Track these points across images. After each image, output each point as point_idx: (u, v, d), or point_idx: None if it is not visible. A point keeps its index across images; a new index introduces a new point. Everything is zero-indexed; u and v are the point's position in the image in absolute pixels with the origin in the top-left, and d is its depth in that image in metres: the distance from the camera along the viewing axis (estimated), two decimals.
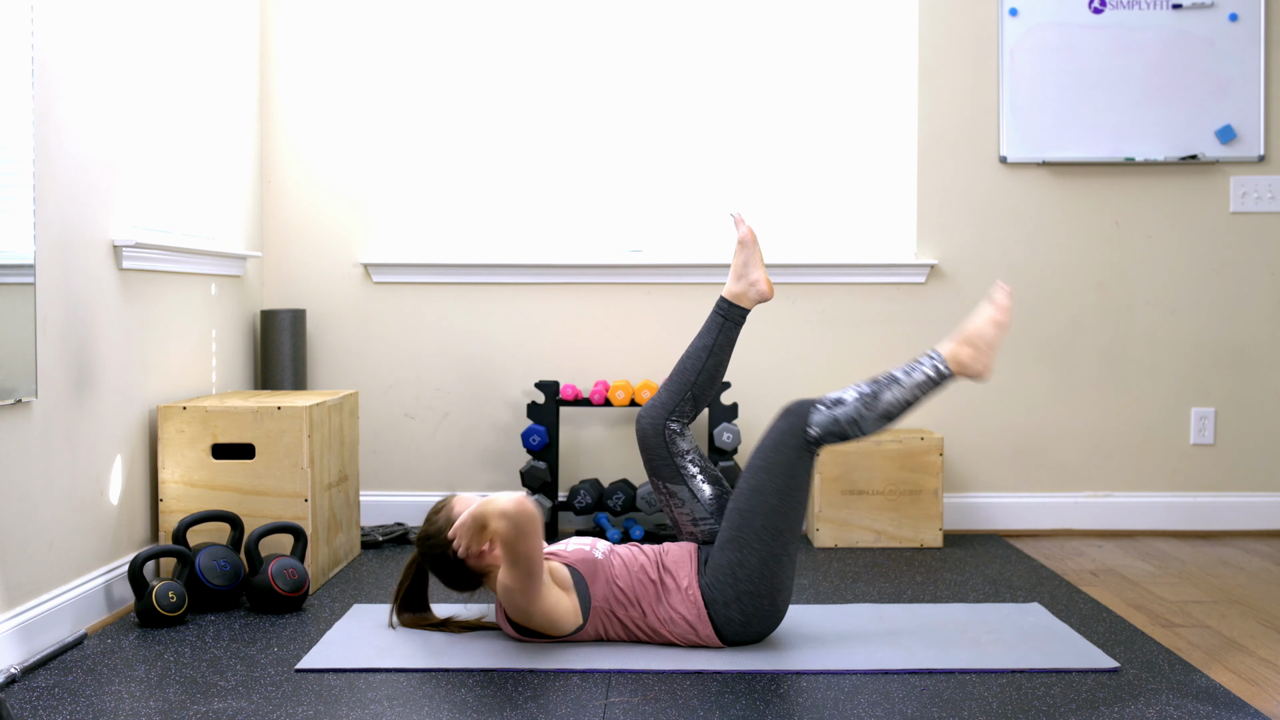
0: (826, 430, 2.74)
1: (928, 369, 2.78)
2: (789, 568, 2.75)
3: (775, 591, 2.74)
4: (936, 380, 2.78)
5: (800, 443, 2.75)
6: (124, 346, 3.22)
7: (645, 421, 2.94)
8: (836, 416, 2.75)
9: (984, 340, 2.79)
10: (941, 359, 2.79)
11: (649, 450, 2.93)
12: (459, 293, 4.28)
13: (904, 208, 4.28)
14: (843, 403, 2.76)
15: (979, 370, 2.79)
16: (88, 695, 2.48)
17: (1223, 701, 2.44)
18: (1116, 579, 3.58)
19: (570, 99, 4.32)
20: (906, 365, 2.81)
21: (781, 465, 2.75)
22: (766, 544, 2.72)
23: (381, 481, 4.29)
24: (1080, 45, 4.18)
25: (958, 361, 2.78)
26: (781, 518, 2.73)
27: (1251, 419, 4.27)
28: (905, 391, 2.76)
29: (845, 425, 2.75)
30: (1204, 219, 4.25)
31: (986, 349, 2.79)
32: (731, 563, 2.73)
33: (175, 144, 3.64)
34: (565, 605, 2.74)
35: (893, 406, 2.75)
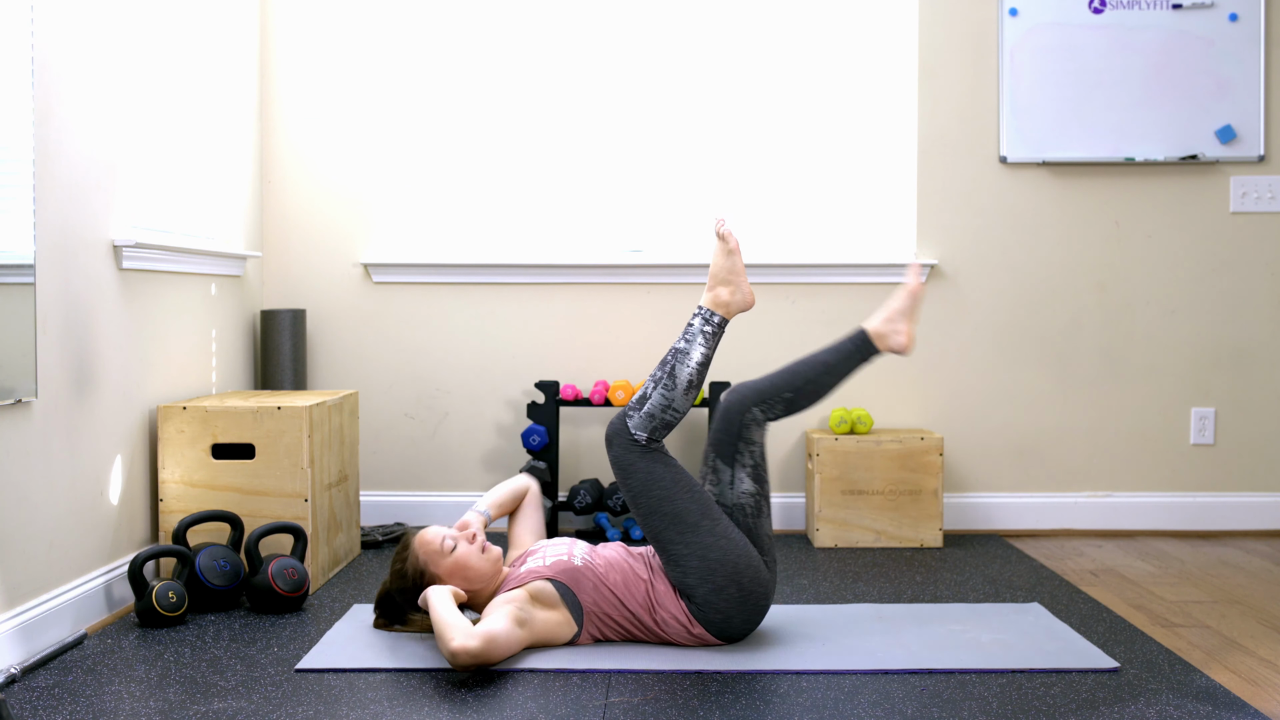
0: (648, 428, 2.79)
1: (700, 325, 2.85)
2: (731, 550, 2.74)
3: (735, 577, 2.73)
4: (715, 329, 2.86)
5: (639, 451, 2.79)
6: (124, 346, 3.22)
7: (734, 395, 2.89)
8: (649, 412, 2.79)
9: (730, 272, 2.88)
10: (708, 309, 2.87)
11: (725, 421, 2.88)
12: (459, 293, 4.28)
13: (904, 208, 4.28)
14: (646, 397, 2.81)
15: (742, 300, 2.88)
16: (88, 695, 2.48)
17: (1223, 701, 2.44)
18: (1116, 579, 3.58)
19: (570, 99, 4.32)
20: (683, 334, 2.86)
21: (645, 480, 2.78)
22: (690, 544, 2.73)
23: (381, 481, 4.28)
24: (1080, 45, 4.18)
25: (721, 303, 2.87)
26: (686, 514, 2.74)
27: (1251, 419, 4.27)
28: (695, 354, 2.82)
29: (660, 413, 2.79)
30: (1204, 219, 4.25)
31: (737, 278, 2.88)
32: (679, 579, 2.76)
33: (175, 144, 3.64)
34: (555, 622, 2.73)
35: (692, 374, 2.81)
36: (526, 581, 2.76)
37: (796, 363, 2.92)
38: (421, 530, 2.86)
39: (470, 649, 2.52)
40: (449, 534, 2.82)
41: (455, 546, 2.80)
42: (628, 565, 2.81)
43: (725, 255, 2.88)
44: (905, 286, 2.94)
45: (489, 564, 2.82)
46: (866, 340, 2.91)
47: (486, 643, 2.54)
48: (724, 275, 2.87)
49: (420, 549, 2.81)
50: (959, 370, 4.26)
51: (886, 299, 4.24)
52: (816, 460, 3.99)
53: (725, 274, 2.87)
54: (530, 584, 2.75)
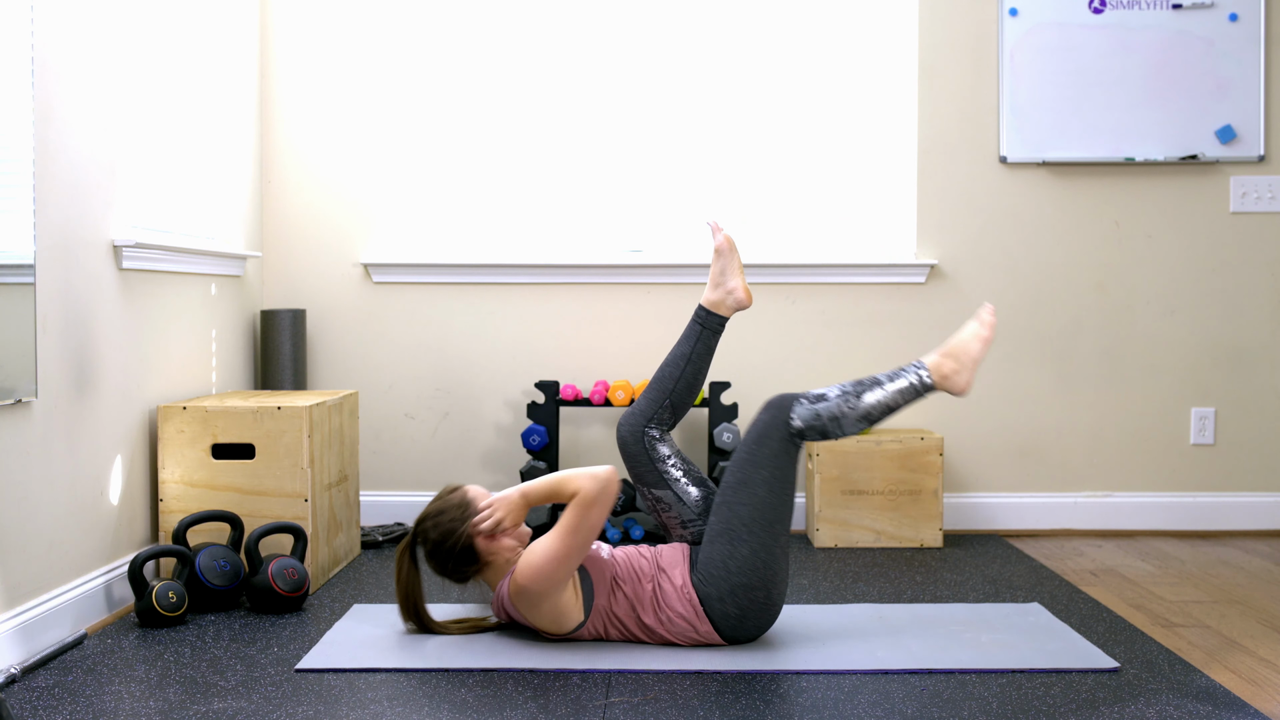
0: (808, 424, 2.78)
1: (910, 377, 2.83)
2: (782, 560, 2.77)
3: (769, 584, 2.75)
4: (918, 390, 2.82)
5: (784, 434, 2.78)
6: (124, 346, 3.22)
7: (625, 430, 2.97)
8: (818, 411, 2.79)
9: (968, 355, 2.84)
10: (925, 369, 2.83)
11: (631, 458, 2.96)
12: (459, 293, 4.28)
13: (904, 208, 4.28)
14: (825, 399, 2.80)
15: (959, 385, 2.83)
16: (88, 695, 2.48)
17: (1223, 701, 2.44)
18: (1116, 579, 3.58)
19: (570, 99, 4.32)
20: (891, 370, 2.85)
21: (767, 457, 2.77)
22: (756, 535, 2.73)
23: (381, 481, 4.28)
24: (1080, 45, 4.18)
25: (940, 373, 2.83)
26: (770, 509, 2.75)
27: (1251, 419, 4.27)
28: (886, 395, 2.81)
29: (826, 421, 2.79)
30: (1204, 219, 4.25)
31: (969, 364, 2.83)
32: (723, 555, 2.74)
33: (175, 144, 3.64)
34: (572, 602, 2.75)
35: (873, 409, 2.80)
36: None
37: (660, 369, 3.01)
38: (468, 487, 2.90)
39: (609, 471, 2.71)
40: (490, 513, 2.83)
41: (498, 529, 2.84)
42: (637, 564, 2.82)
43: (979, 341, 2.84)
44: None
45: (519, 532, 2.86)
46: (705, 311, 2.99)
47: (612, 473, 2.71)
48: (961, 354, 2.84)
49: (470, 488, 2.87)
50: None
51: (886, 301, 4.24)
52: (816, 460, 3.99)
53: (963, 354, 2.84)
54: None
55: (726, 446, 3.98)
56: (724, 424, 4.00)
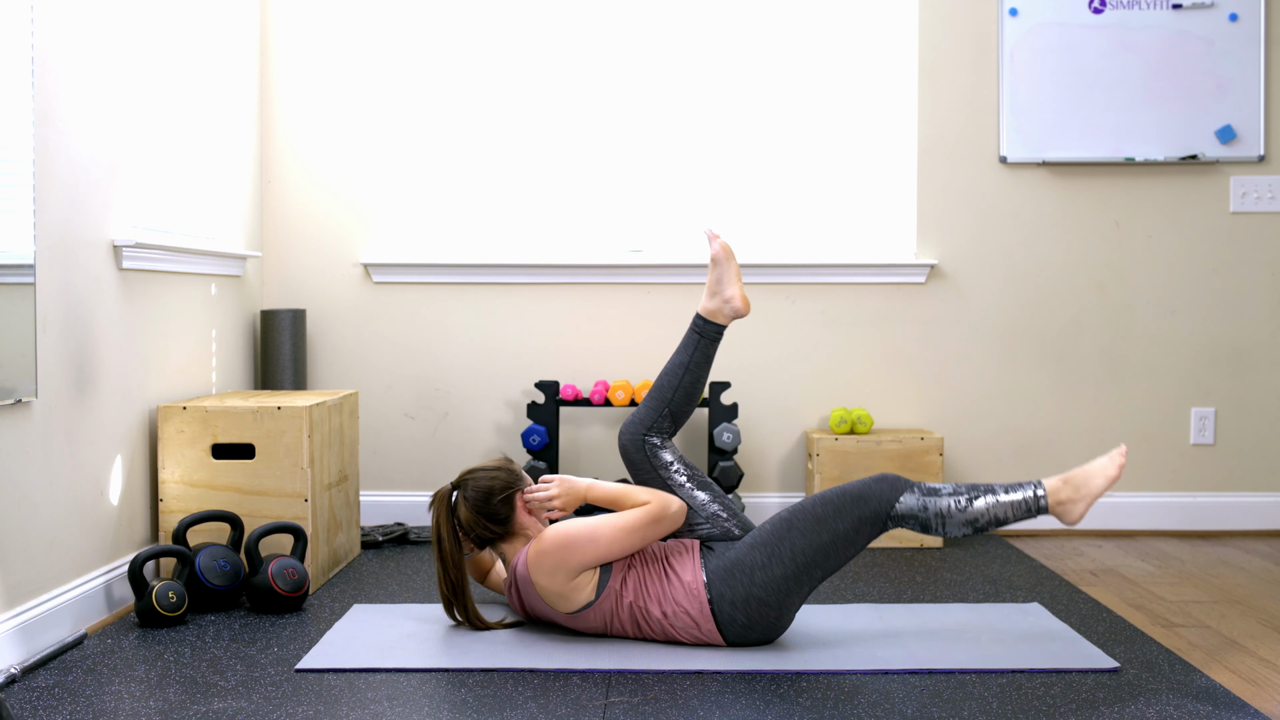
0: (911, 513, 2.75)
1: (1027, 493, 2.77)
2: (803, 596, 2.79)
3: (783, 609, 2.76)
4: (1030, 508, 2.77)
5: (882, 510, 2.75)
6: (124, 346, 3.22)
7: (625, 438, 2.98)
8: (927, 504, 2.75)
9: (1088, 489, 2.78)
10: (1043, 490, 2.78)
11: (633, 466, 2.97)
12: (459, 293, 4.28)
13: (904, 208, 4.28)
14: (937, 494, 2.77)
15: (1073, 516, 2.78)
16: (88, 695, 2.48)
17: (1223, 701, 2.44)
18: (1116, 579, 3.58)
19: (570, 99, 4.32)
20: (1008, 484, 2.80)
21: (852, 518, 2.75)
22: (798, 565, 2.74)
23: (381, 481, 4.28)
24: (1080, 45, 4.18)
25: (1056, 498, 2.78)
26: (823, 555, 2.75)
27: (1251, 419, 4.27)
28: (998, 506, 2.76)
29: (931, 515, 2.75)
30: (1204, 219, 4.25)
31: (1087, 498, 2.77)
32: (755, 564, 2.74)
33: (175, 144, 3.64)
34: (587, 580, 2.79)
35: (981, 515, 2.76)
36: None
37: (659, 377, 3.02)
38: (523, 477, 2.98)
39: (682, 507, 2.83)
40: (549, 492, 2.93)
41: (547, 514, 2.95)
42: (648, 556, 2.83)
43: (1104, 478, 2.79)
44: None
45: None
46: (702, 320, 2.99)
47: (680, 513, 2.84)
48: (1081, 486, 2.80)
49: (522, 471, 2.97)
50: (959, 370, 4.26)
51: (886, 301, 4.24)
52: (816, 460, 3.98)
53: (1084, 487, 2.79)
54: None
55: (726, 446, 3.98)
56: (724, 424, 4.00)
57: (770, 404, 4.25)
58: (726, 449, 4.00)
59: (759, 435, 4.25)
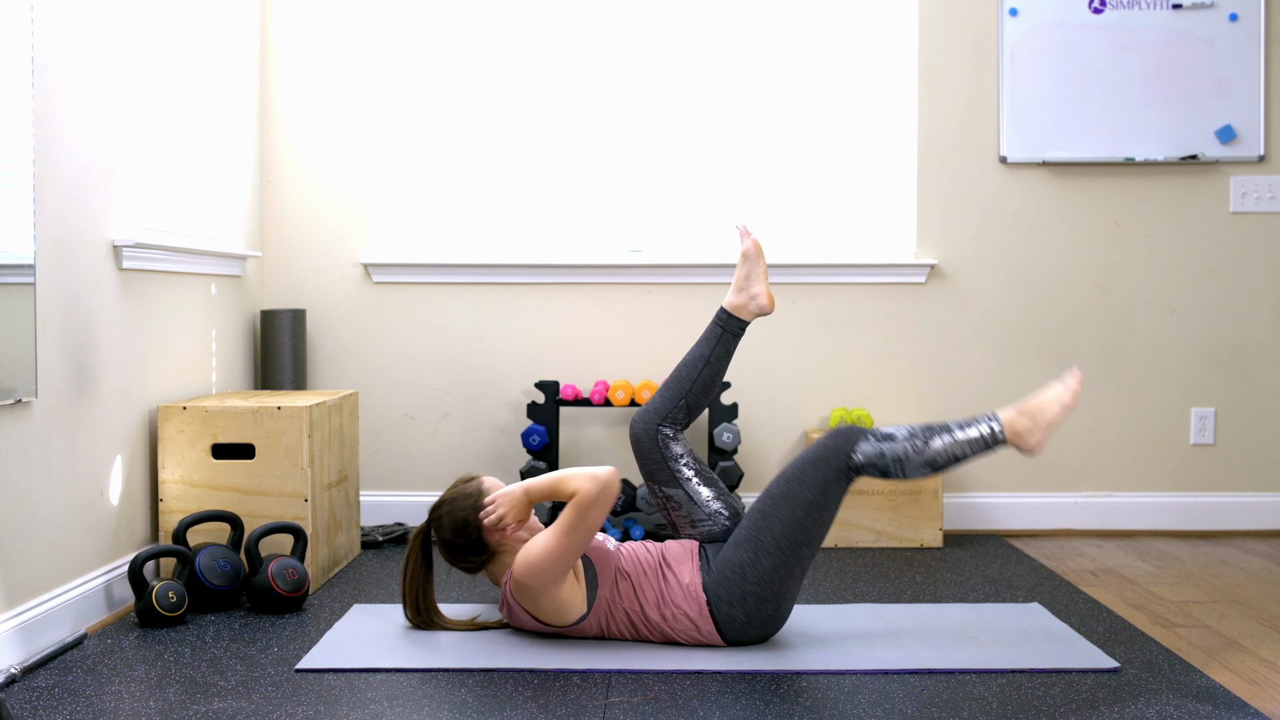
0: (870, 460, 2.75)
1: (982, 428, 2.76)
2: (796, 581, 2.77)
3: (780, 598, 2.76)
4: (988, 442, 2.76)
5: (841, 464, 2.75)
6: (124, 346, 3.22)
7: (638, 427, 2.97)
8: (883, 450, 2.75)
9: (1044, 417, 2.76)
10: (999, 423, 2.77)
11: (643, 455, 2.96)
12: (459, 293, 4.28)
13: (904, 208, 4.28)
14: (893, 439, 2.76)
15: (1031, 445, 2.76)
16: (88, 695, 2.48)
17: (1223, 701, 2.44)
18: (1116, 579, 3.58)
19: (570, 99, 4.32)
20: (963, 419, 2.80)
21: (817, 481, 2.75)
22: (783, 551, 2.73)
23: (381, 481, 4.28)
24: (1080, 45, 4.18)
25: (1013, 430, 2.76)
26: (803, 531, 2.74)
27: (1251, 419, 4.27)
28: (955, 444, 2.75)
29: (889, 461, 2.75)
30: (1204, 219, 4.25)
31: (1045, 426, 2.76)
32: (744, 562, 2.74)
33: (175, 144, 3.64)
34: (575, 594, 2.76)
35: (939, 455, 2.74)
36: None
37: (677, 368, 3.01)
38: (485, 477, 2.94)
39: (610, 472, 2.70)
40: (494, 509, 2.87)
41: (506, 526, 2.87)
42: (642, 558, 2.83)
43: (1059, 405, 2.78)
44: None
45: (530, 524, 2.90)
46: (726, 314, 2.99)
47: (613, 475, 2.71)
48: (1037, 414, 2.78)
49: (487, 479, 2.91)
50: (959, 370, 4.26)
51: (886, 301, 4.24)
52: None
53: (1040, 414, 2.78)
54: None
55: (726, 446, 3.98)
56: (724, 424, 4.00)
57: (770, 404, 4.25)
58: (726, 449, 4.00)
59: (759, 435, 4.25)
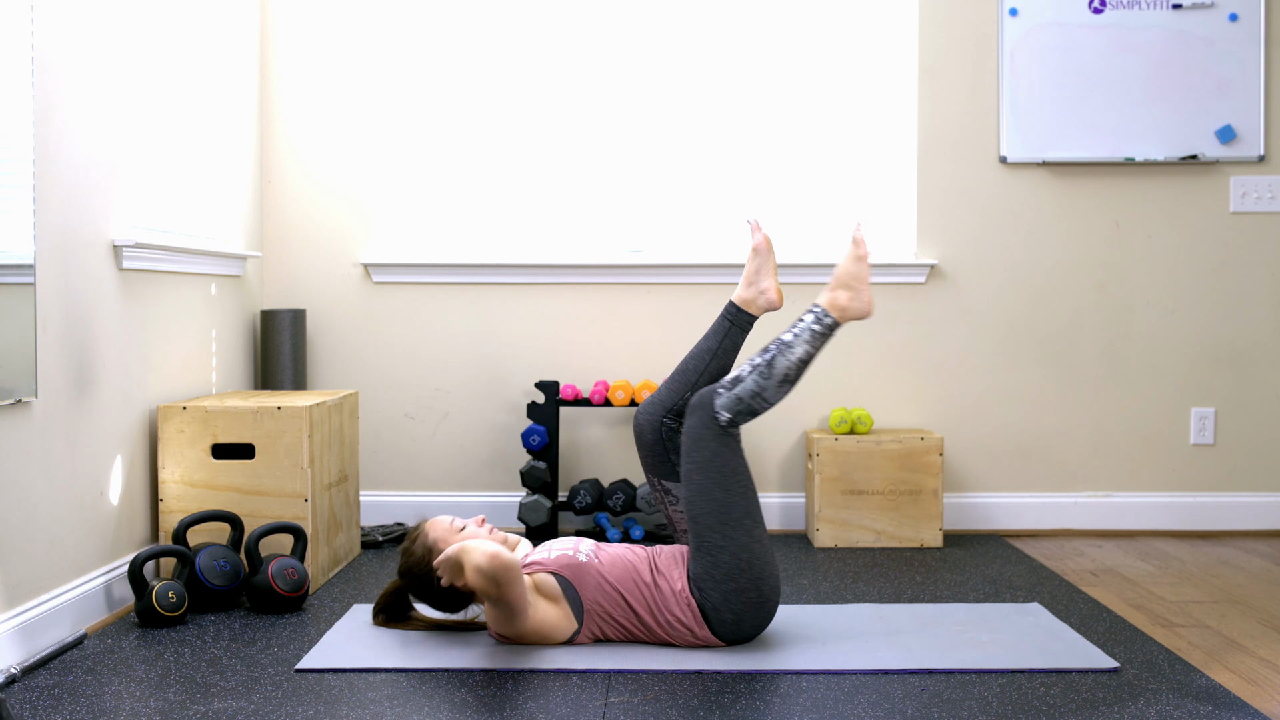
0: (734, 410, 2.78)
1: (811, 323, 2.82)
2: (763, 555, 2.76)
3: (758, 581, 2.74)
4: (825, 331, 2.82)
5: (716, 430, 2.78)
6: (124, 346, 3.22)
7: (643, 419, 2.96)
8: (739, 395, 2.78)
9: (855, 278, 2.85)
10: (822, 309, 2.84)
11: (646, 447, 2.96)
12: (459, 293, 4.28)
13: (904, 208, 4.28)
14: (740, 380, 2.80)
15: (860, 308, 2.85)
16: (88, 695, 2.48)
17: (1223, 701, 2.44)
18: (1116, 579, 3.58)
19: (570, 99, 4.32)
20: (791, 327, 2.85)
21: (709, 459, 2.77)
22: (730, 537, 2.73)
23: (381, 481, 4.28)
24: (1080, 45, 4.18)
25: (838, 306, 2.84)
26: (734, 506, 2.75)
27: (1251, 419, 4.27)
28: (797, 351, 2.81)
29: (749, 400, 2.78)
30: (1204, 219, 4.25)
31: (860, 285, 2.85)
32: (706, 567, 2.74)
33: (175, 144, 3.64)
34: (554, 616, 2.74)
35: (790, 368, 2.80)
36: (531, 572, 2.76)
37: (684, 361, 3.00)
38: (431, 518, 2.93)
39: (504, 557, 2.53)
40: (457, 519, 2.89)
41: (465, 528, 2.84)
42: (631, 565, 2.80)
43: (855, 261, 2.86)
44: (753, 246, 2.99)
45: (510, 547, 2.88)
46: (735, 308, 2.99)
47: (515, 561, 2.56)
48: (849, 280, 2.86)
49: (431, 529, 2.85)
50: (959, 370, 4.26)
51: (886, 301, 4.24)
52: (816, 460, 3.99)
53: (851, 279, 2.85)
54: (534, 574, 2.75)
55: None
56: None
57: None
58: None
59: (759, 435, 4.25)
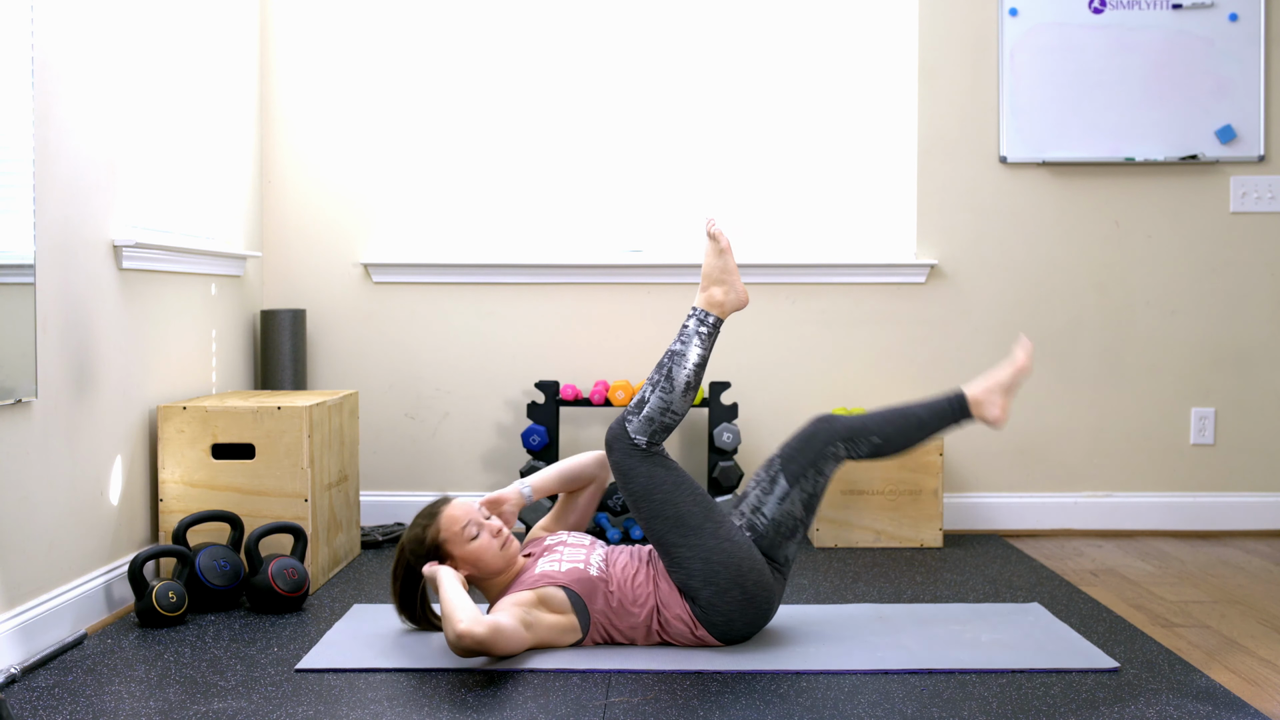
0: (648, 431, 2.80)
1: (696, 327, 2.86)
2: (735, 552, 2.74)
3: (739, 580, 2.73)
4: (711, 330, 2.86)
5: (640, 456, 2.80)
6: (124, 346, 3.22)
7: (824, 425, 2.89)
8: (648, 415, 2.80)
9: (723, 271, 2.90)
10: (702, 309, 2.87)
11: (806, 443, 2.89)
12: (459, 293, 4.28)
13: (904, 208, 4.28)
14: (644, 401, 2.82)
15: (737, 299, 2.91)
16: (88, 695, 2.48)
17: (1223, 701, 2.44)
18: (1116, 579, 3.58)
19: (570, 99, 4.32)
20: (678, 336, 2.87)
21: (646, 484, 2.78)
22: (691, 547, 2.73)
23: (381, 481, 4.28)
24: (1080, 45, 4.18)
25: (715, 303, 2.89)
26: (688, 517, 2.75)
27: (1251, 419, 4.27)
28: (691, 356, 2.83)
29: (660, 416, 2.80)
30: (1204, 219, 4.25)
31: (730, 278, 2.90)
32: (682, 581, 2.75)
33: (175, 144, 3.64)
34: (561, 626, 2.73)
35: (690, 375, 2.82)
36: (539, 585, 2.74)
37: (890, 410, 2.92)
38: (454, 502, 2.85)
39: (476, 634, 2.52)
40: (476, 518, 2.81)
41: (477, 536, 2.79)
42: (635, 570, 2.82)
43: (717, 255, 2.91)
44: (1013, 360, 2.95)
45: (504, 560, 2.83)
46: (964, 405, 2.93)
47: (493, 632, 2.55)
48: (717, 275, 2.90)
49: (445, 525, 2.80)
50: (959, 370, 4.26)
51: (886, 301, 4.24)
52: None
53: (718, 273, 2.90)
54: (542, 589, 2.74)
55: (726, 446, 3.98)
56: (724, 424, 4.00)
57: (770, 404, 4.25)
58: (726, 449, 4.00)
59: (759, 435, 4.25)
